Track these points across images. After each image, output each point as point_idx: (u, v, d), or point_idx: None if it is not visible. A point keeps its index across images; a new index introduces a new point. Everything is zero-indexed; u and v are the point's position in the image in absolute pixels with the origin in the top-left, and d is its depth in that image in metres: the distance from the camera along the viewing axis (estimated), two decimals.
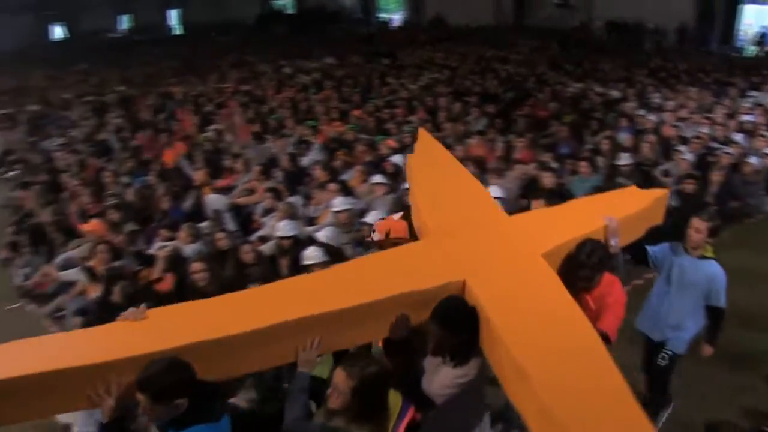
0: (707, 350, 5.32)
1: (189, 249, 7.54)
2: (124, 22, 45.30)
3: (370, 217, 7.14)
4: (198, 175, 9.97)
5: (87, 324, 6.45)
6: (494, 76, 17.29)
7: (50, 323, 7.92)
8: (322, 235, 7.08)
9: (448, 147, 10.14)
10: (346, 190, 8.50)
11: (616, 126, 11.25)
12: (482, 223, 4.43)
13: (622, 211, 4.66)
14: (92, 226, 8.51)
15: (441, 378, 3.68)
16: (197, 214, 8.89)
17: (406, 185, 8.10)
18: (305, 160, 10.52)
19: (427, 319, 3.65)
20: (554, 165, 9.10)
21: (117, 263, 7.28)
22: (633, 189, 5.21)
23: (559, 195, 5.48)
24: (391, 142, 10.76)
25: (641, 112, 12.18)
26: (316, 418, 3.74)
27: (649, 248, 5.33)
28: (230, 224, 8.59)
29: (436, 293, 3.69)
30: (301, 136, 11.92)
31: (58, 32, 42.95)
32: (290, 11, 42.67)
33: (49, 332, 7.59)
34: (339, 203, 7.84)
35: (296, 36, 33.40)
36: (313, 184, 9.21)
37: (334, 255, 6.45)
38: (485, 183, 8.14)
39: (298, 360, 3.62)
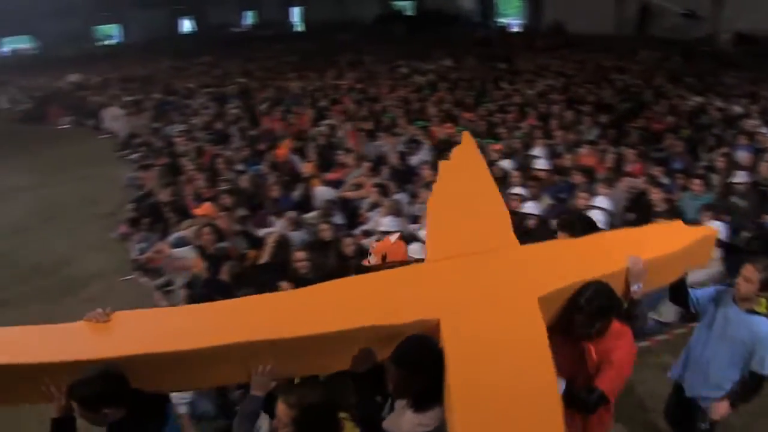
0: (721, 408, 4.54)
1: (294, 236, 7.78)
2: (249, 18, 46.96)
3: None
4: (307, 167, 10.27)
5: (192, 298, 6.81)
6: (610, 85, 16.87)
7: (160, 296, 8.36)
8: (425, 233, 7.15)
9: (558, 155, 10.09)
10: None
11: (735, 143, 10.79)
12: (485, 253, 4.03)
13: (655, 249, 4.01)
14: (205, 208, 8.89)
15: (403, 422, 3.36)
16: (305, 204, 9.15)
17: (513, 190, 8.10)
18: (414, 159, 10.61)
19: None
20: (665, 180, 8.84)
21: (222, 244, 7.61)
22: (677, 224, 4.47)
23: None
24: (499, 146, 10.72)
25: (763, 129, 11.63)
26: None
27: (692, 291, 4.62)
28: (337, 216, 8.78)
29: (406, 330, 3.33)
30: (412, 135, 12.02)
31: (186, 26, 44.94)
32: (409, 12, 42.96)
33: (159, 304, 8.05)
34: None
35: (414, 37, 33.63)
36: (420, 183, 9.28)
37: None
38: (593, 193, 8.02)
39: (251, 382, 3.46)
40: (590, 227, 4.36)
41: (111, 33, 43.20)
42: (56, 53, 36.52)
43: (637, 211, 7.98)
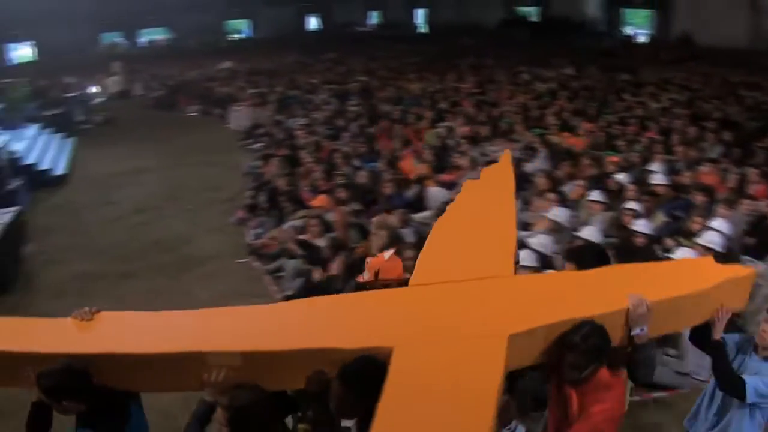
0: None
1: (403, 233, 7.93)
2: (374, 18, 47.69)
3: (584, 233, 7.10)
4: (420, 168, 10.40)
5: (301, 287, 7.10)
6: (738, 102, 16.17)
7: (270, 280, 8.68)
8: (535, 241, 7.11)
9: (677, 172, 9.80)
10: (565, 202, 8.48)
11: None
12: (468, 282, 3.82)
13: (671, 289, 3.56)
14: (320, 200, 9.18)
15: None
16: (418, 203, 9.28)
17: (627, 204, 7.96)
18: (529, 167, 10.55)
19: None
20: None
21: (330, 234, 7.86)
22: (707, 261, 3.99)
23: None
24: (617, 159, 10.52)
25: None
26: None
27: None
28: None
29: (356, 355, 3.20)
30: (529, 142, 11.96)
31: (312, 23, 46.11)
32: (533, 18, 42.43)
33: (269, 288, 8.40)
34: (555, 213, 7.85)
35: (536, 43, 33.22)
36: (533, 190, 9.24)
37: (544, 263, 6.51)
38: (712, 214, 7.77)
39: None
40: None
41: (241, 28, 44.91)
42: (189, 45, 38.35)
43: (757, 236, 7.66)
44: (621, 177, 9.34)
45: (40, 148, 15.59)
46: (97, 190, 13.53)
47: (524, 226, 8.20)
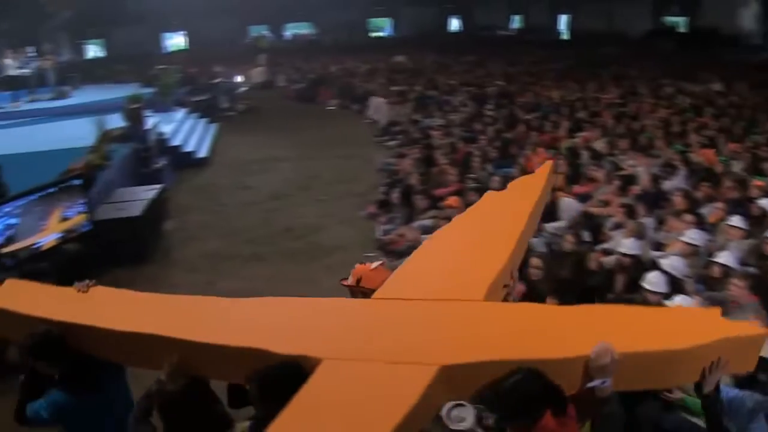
0: None
1: (532, 242, 7.77)
2: (516, 22, 47.10)
3: (721, 258, 6.72)
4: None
5: None
6: None
7: None
8: (667, 263, 6.80)
9: None
10: (702, 224, 8.07)
11: None
12: (429, 304, 3.64)
13: (655, 341, 3.12)
14: (451, 201, 9.14)
15: None
16: (550, 214, 9.08)
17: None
18: (667, 184, 10.12)
19: None
20: None
21: None
22: (712, 313, 3.38)
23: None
24: (762, 183, 9.89)
25: None
26: None
27: (724, 389, 3.62)
28: (583, 230, 8.63)
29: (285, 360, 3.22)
30: (668, 159, 11.46)
31: (454, 24, 46.12)
32: (682, 29, 40.60)
33: None
34: (691, 235, 7.47)
35: (683, 56, 31.79)
36: (669, 209, 8.86)
37: (674, 286, 6.22)
38: None
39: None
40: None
41: (383, 26, 45.54)
42: (331, 41, 39.26)
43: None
44: (765, 203, 8.78)
45: (186, 131, 16.50)
46: (235, 175, 14.16)
47: (657, 246, 7.89)
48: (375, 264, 4.63)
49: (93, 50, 37.47)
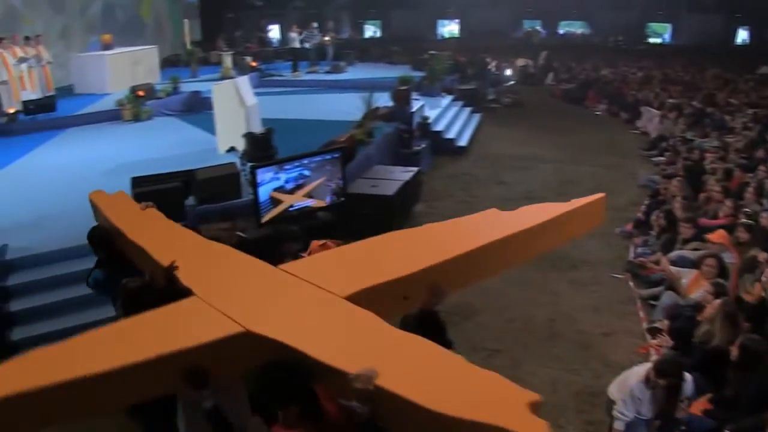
0: None
1: None
2: None
3: None
4: None
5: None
6: None
7: (641, 306, 8.19)
8: None
9: None
10: None
11: None
12: (295, 285, 4.12)
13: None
14: (719, 236, 8.37)
15: None
16: None
17: None
18: None
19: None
20: None
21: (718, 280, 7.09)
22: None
23: None
24: None
25: None
26: None
27: None
28: None
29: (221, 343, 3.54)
30: None
31: (741, 35, 42.21)
32: None
33: (638, 314, 7.93)
34: None
35: None
36: None
37: None
38: None
39: None
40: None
41: (662, 31, 42.97)
42: (605, 42, 37.83)
43: None
44: None
45: (449, 118, 16.80)
46: (492, 168, 14.15)
47: None
48: (323, 241, 5.40)
49: (371, 30, 39.24)
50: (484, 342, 7.29)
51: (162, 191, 8.00)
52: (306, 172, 8.67)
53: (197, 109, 15.67)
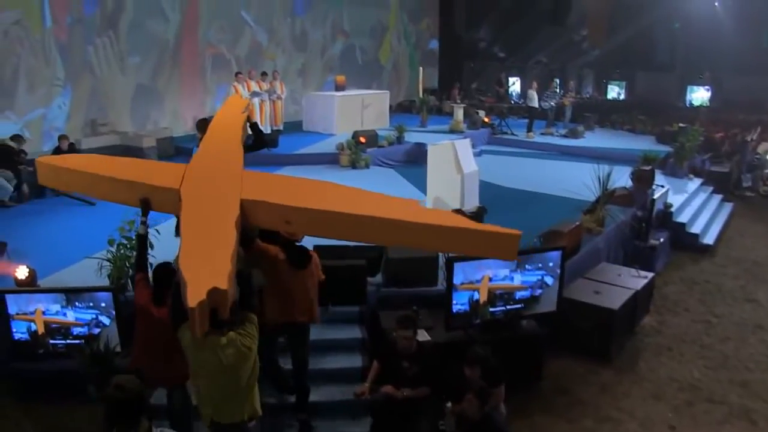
0: None
1: None
2: None
3: None
4: None
5: None
6: None
7: None
8: None
9: None
10: None
11: None
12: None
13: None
14: None
15: None
16: None
17: None
18: None
19: None
20: None
21: None
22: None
23: None
24: None
25: None
26: None
27: None
28: None
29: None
30: None
31: None
32: None
33: None
34: None
35: None
36: None
37: None
38: None
39: None
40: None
41: None
42: None
43: None
44: None
45: (695, 206, 14.29)
46: (742, 278, 11.48)
47: None
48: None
49: (614, 91, 36.53)
50: None
51: (342, 268, 7.44)
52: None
53: (420, 162, 14.77)
